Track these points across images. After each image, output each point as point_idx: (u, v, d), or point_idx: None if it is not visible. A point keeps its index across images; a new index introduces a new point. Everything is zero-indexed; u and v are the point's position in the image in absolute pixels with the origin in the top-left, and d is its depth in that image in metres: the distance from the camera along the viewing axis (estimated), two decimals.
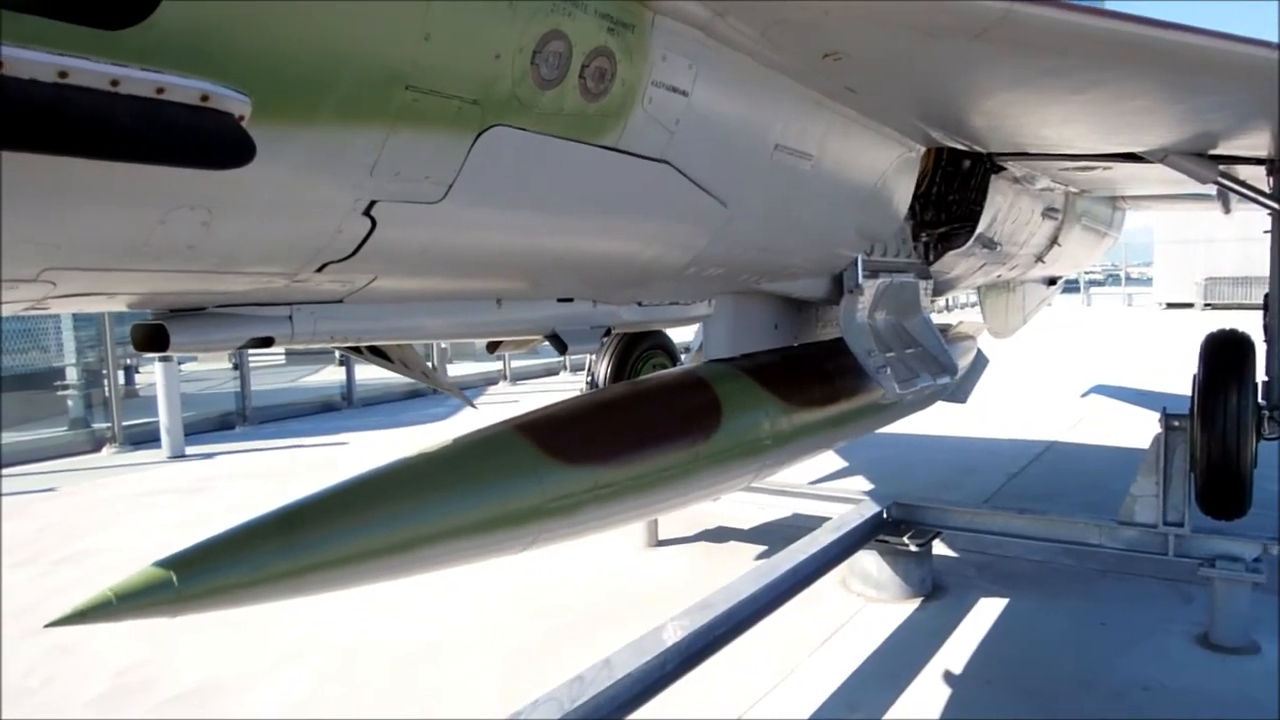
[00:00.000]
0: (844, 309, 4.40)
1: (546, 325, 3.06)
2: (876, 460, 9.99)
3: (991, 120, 3.85)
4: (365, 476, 2.74)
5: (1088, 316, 34.75)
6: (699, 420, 3.65)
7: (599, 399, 3.47)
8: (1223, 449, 4.96)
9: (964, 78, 3.17)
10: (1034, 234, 6.78)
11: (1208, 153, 4.58)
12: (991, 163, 5.18)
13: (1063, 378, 16.75)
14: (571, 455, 3.07)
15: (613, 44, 2.22)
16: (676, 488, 3.47)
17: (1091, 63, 2.94)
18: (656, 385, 3.71)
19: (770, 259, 3.68)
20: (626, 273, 3.00)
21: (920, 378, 4.81)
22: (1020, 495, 8.45)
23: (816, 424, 4.37)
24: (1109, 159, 4.69)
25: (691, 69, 2.51)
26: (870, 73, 2.98)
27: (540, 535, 2.99)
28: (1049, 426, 11.95)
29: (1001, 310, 8.66)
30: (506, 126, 2.08)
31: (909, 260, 5.17)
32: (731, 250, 3.33)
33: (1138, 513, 5.34)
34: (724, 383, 3.93)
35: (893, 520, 6.06)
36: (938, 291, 6.50)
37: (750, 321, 4.40)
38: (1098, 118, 3.68)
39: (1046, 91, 3.31)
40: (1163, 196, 9.10)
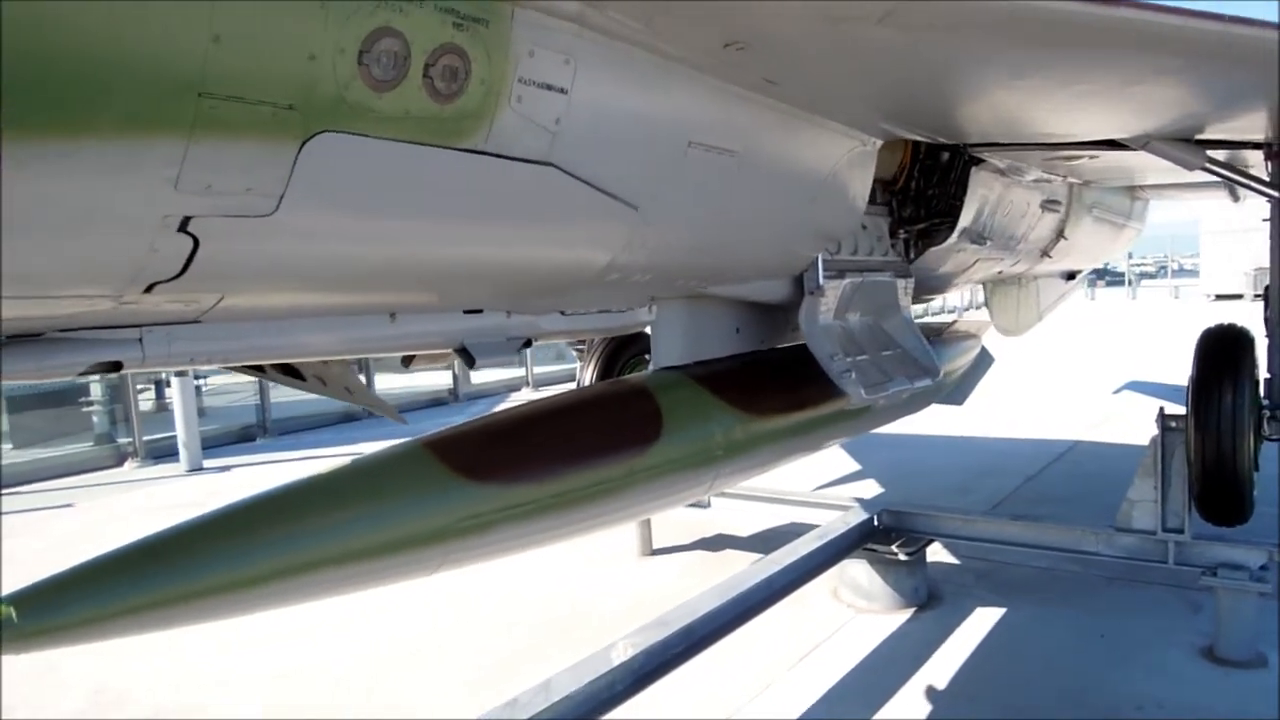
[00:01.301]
0: (804, 311, 4.21)
1: (453, 338, 2.93)
2: (890, 463, 9.73)
3: (947, 110, 3.65)
4: (254, 499, 2.63)
5: (1132, 309, 33.82)
6: (636, 432, 3.50)
7: (523, 413, 3.33)
8: (1218, 451, 4.66)
9: (902, 67, 2.98)
10: (1033, 227, 6.49)
11: (1194, 138, 4.31)
12: (970, 154, 4.95)
13: (1096, 374, 16.25)
14: (482, 473, 2.93)
15: (463, 40, 2.09)
16: (609, 503, 3.32)
17: (1026, 46, 2.74)
18: (591, 396, 3.57)
19: (707, 262, 3.51)
20: (530, 281, 2.86)
21: (894, 381, 4.59)
22: (1034, 499, 8.15)
23: (777, 432, 4.18)
24: (1088, 147, 4.44)
25: (569, 64, 2.37)
26: (784, 63, 2.81)
27: (448, 557, 2.87)
28: (1074, 425, 11.56)
29: (1011, 307, 8.34)
30: (337, 133, 1.95)
31: (885, 258, 4.94)
32: (656, 255, 3.17)
33: (1136, 519, 5.07)
34: (669, 391, 3.77)
35: (883, 528, 5.84)
36: (928, 290, 6.27)
37: (706, 327, 4.23)
38: (1054, 103, 3.46)
39: (991, 78, 3.11)
40: (1184, 185, 8.70)
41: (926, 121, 3.82)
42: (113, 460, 12.77)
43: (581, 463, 3.23)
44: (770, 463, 4.26)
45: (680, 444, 3.61)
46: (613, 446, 3.37)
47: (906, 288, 5.07)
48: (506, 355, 3.07)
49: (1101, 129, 4.05)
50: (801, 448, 4.39)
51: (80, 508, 10.29)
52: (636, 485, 3.40)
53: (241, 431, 14.22)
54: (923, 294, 6.43)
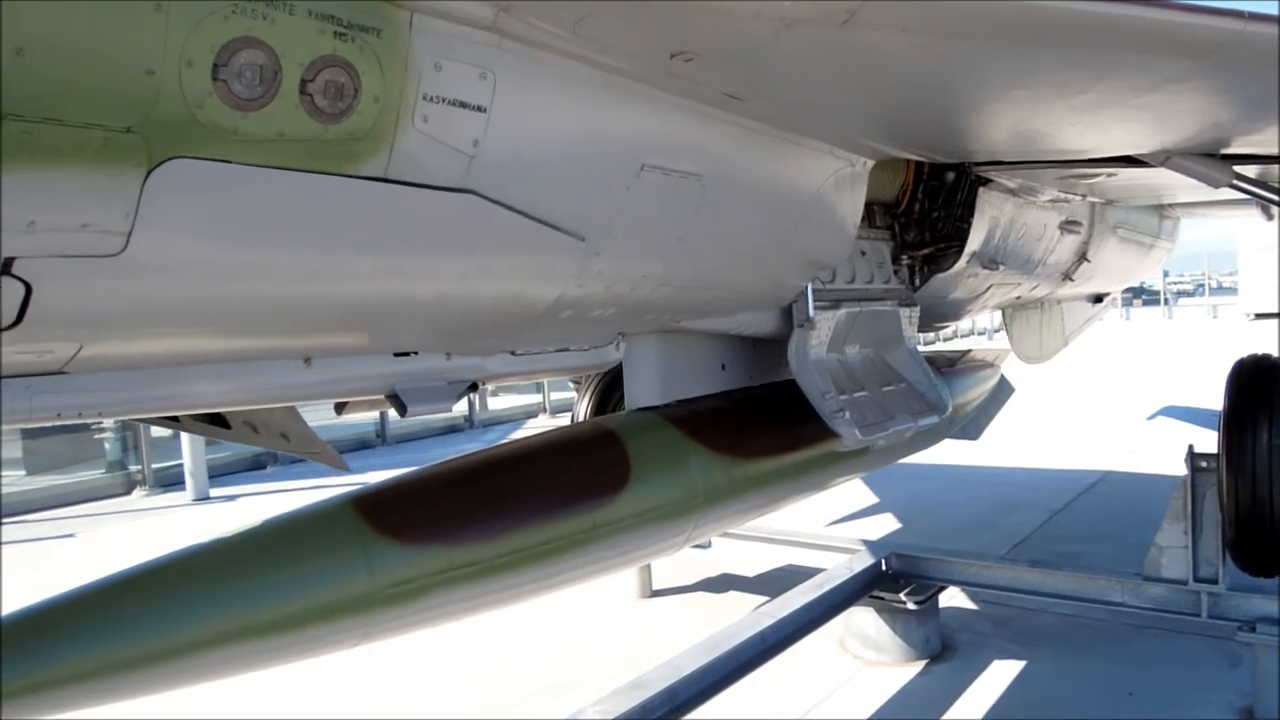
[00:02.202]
0: (793, 346, 3.89)
1: (383, 383, 2.65)
2: (909, 496, 9.32)
3: (940, 126, 3.33)
4: (151, 564, 2.37)
5: (1168, 330, 32.97)
6: (600, 481, 3.20)
7: (471, 464, 3.05)
8: (1253, 494, 4.26)
9: (881, 78, 2.68)
10: (1052, 250, 6.13)
11: (1219, 152, 3.95)
12: (976, 174, 4.62)
13: (1129, 398, 15.68)
14: (415, 533, 2.65)
15: (348, 52, 1.81)
16: (568, 561, 3.02)
17: (1014, 50, 2.42)
18: (551, 444, 3.27)
19: (678, 295, 3.21)
20: (463, 320, 2.58)
21: (896, 419, 4.26)
22: (1060, 536, 7.71)
23: (763, 476, 3.86)
24: (1102, 164, 4.09)
25: (486, 79, 2.09)
26: (744, 76, 2.51)
27: (373, 628, 2.57)
28: (1105, 454, 11.06)
29: (1034, 333, 7.95)
30: (192, 158, 1.68)
31: (886, 286, 4.62)
32: (616, 288, 2.88)
33: (1165, 567, 4.66)
34: (639, 436, 3.47)
35: (891, 573, 5.46)
36: (938, 318, 5.92)
37: (687, 364, 3.92)
38: (1056, 117, 3.13)
39: (980, 89, 2.79)
40: (1216, 203, 8.27)
41: (920, 139, 3.51)
42: (123, 488, 12.65)
43: (535, 518, 2.93)
44: (757, 509, 3.94)
45: (651, 493, 3.30)
46: (572, 498, 3.07)
47: (911, 317, 4.73)
48: (445, 401, 2.78)
49: (1114, 144, 3.71)
50: (792, 492, 4.06)
51: (81, 538, 10.13)
52: (600, 540, 3.09)
53: (254, 459, 14.05)
54: (933, 322, 6.09)
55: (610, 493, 3.18)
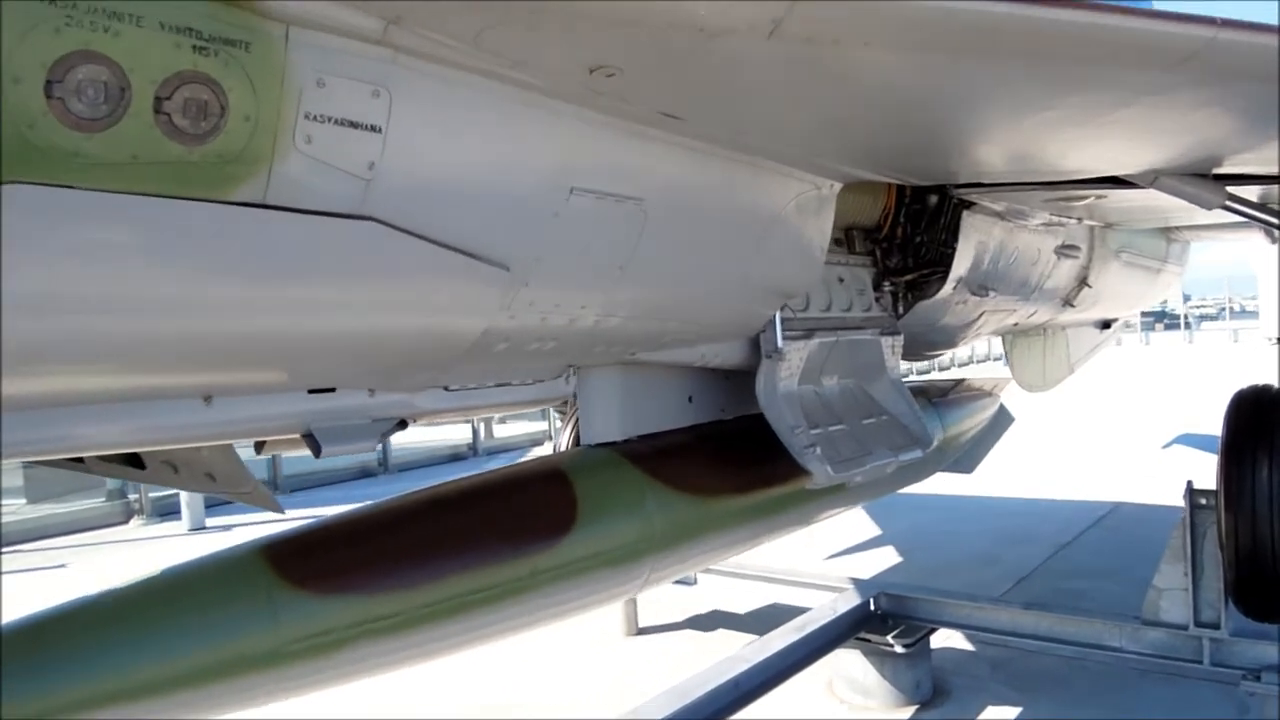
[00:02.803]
0: (761, 378, 3.70)
1: (297, 422, 2.48)
2: (912, 528, 9.07)
3: (902, 146, 3.15)
4: (33, 619, 2.21)
5: (1187, 354, 32.44)
6: (543, 524, 3.01)
7: (402, 506, 2.88)
8: (1253, 534, 4.01)
9: (827, 93, 2.50)
10: (1048, 275, 5.91)
11: (1211, 172, 3.74)
12: (958, 197, 4.43)
13: (1145, 425, 15.34)
14: (326, 582, 2.47)
15: (211, 68, 1.66)
16: (504, 611, 2.83)
17: (962, 61, 2.25)
18: (493, 484, 3.09)
19: (627, 327, 3.03)
20: (381, 356, 2.41)
21: (874, 454, 4.04)
22: (1065, 571, 7.43)
23: (730, 516, 3.67)
24: (1088, 185, 3.90)
25: (380, 97, 1.94)
26: (675, 92, 2.35)
27: (283, 683, 2.40)
28: (1118, 484, 10.75)
29: (1036, 360, 7.70)
30: (29, 184, 1.53)
31: (867, 314, 4.42)
32: (552, 320, 2.71)
33: (1165, 610, 4.41)
34: (590, 474, 3.28)
35: (880, 613, 5.23)
36: (928, 346, 5.72)
37: (649, 397, 3.73)
38: (1026, 136, 2.95)
39: (934, 104, 2.62)
40: (1224, 226, 8.02)
41: (883, 160, 3.33)
42: (121, 517, 12.57)
43: (468, 564, 2.75)
44: (723, 549, 3.74)
45: (600, 535, 3.12)
46: (510, 543, 2.89)
47: (894, 346, 4.53)
48: (367, 440, 2.61)
49: (1098, 164, 3.51)
50: (761, 531, 3.86)
51: (73, 569, 10.01)
52: (541, 586, 2.91)
53: None
54: (924, 350, 5.88)
55: (554, 536, 2.99)
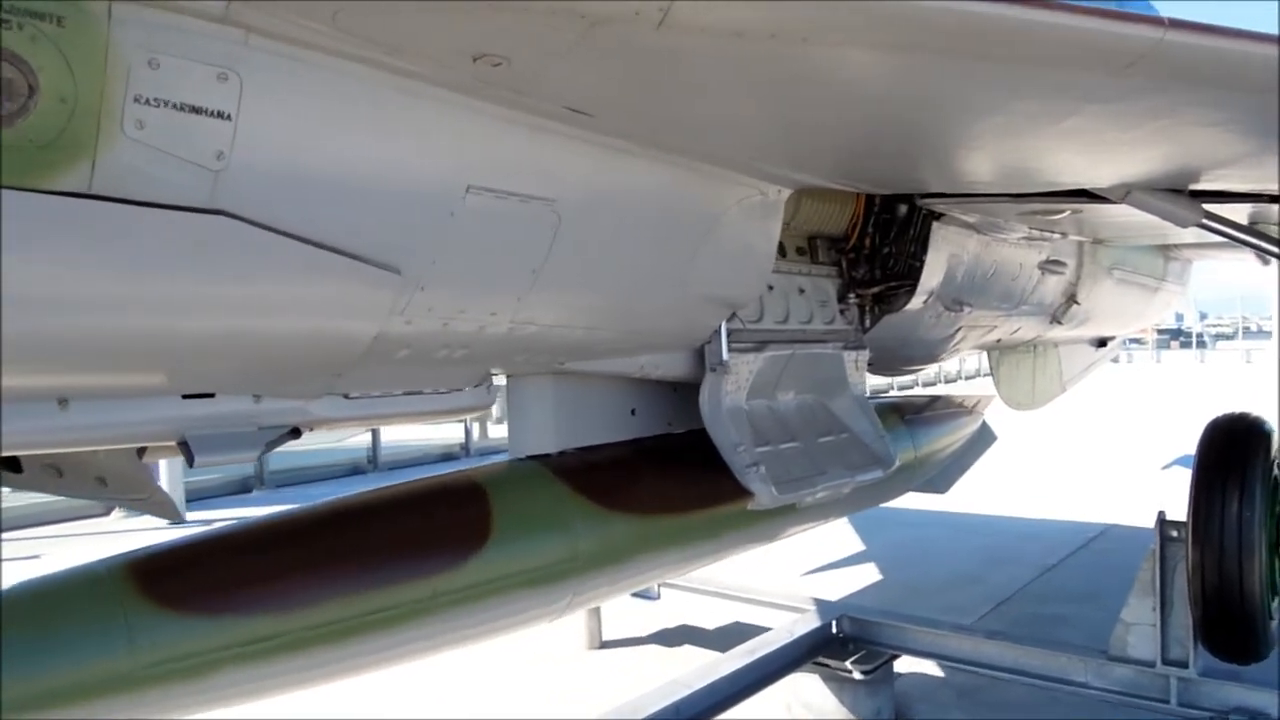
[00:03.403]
0: (705, 391, 3.52)
1: (170, 428, 2.31)
2: (897, 544, 8.87)
3: (839, 150, 2.96)
4: None
5: (1199, 374, 32.04)
6: (450, 542, 2.84)
7: (297, 519, 2.71)
8: (1220, 570, 3.79)
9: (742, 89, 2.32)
10: (1031, 291, 5.70)
11: (1187, 188, 3.55)
12: (927, 208, 4.23)
13: (1147, 445, 15.05)
14: (196, 602, 2.31)
15: (16, 43, 1.50)
16: (399, 635, 2.66)
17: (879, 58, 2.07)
18: (402, 498, 2.92)
19: (549, 335, 2.85)
20: (257, 360, 2.24)
21: (827, 475, 3.86)
22: (1045, 595, 7.22)
23: (666, 536, 3.48)
24: (1056, 198, 3.70)
25: (228, 80, 1.77)
26: (574, 86, 2.17)
27: (138, 709, 2.23)
28: (1112, 505, 10.50)
29: (1024, 377, 7.48)
30: None
31: (829, 327, 4.23)
32: (456, 326, 2.54)
33: (1132, 646, 4.20)
34: (510, 489, 3.11)
35: (842, 637, 5.03)
36: (903, 362, 5.53)
37: (587, 408, 3.56)
38: (974, 143, 2.76)
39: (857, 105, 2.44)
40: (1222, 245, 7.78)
41: (831, 166, 3.14)
42: (102, 509, 12.46)
43: (360, 584, 2.59)
44: (657, 570, 3.56)
45: (515, 554, 2.94)
46: (411, 561, 2.72)
47: (858, 361, 4.34)
48: (250, 450, 2.44)
49: (1062, 176, 3.32)
50: (700, 554, 3.68)
51: (46, 560, 9.91)
52: (442, 610, 2.74)
53: (240, 481, 13.84)
54: (900, 366, 5.69)
55: (462, 555, 2.82)
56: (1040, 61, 2.10)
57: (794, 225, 4.13)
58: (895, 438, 5.10)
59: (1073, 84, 2.22)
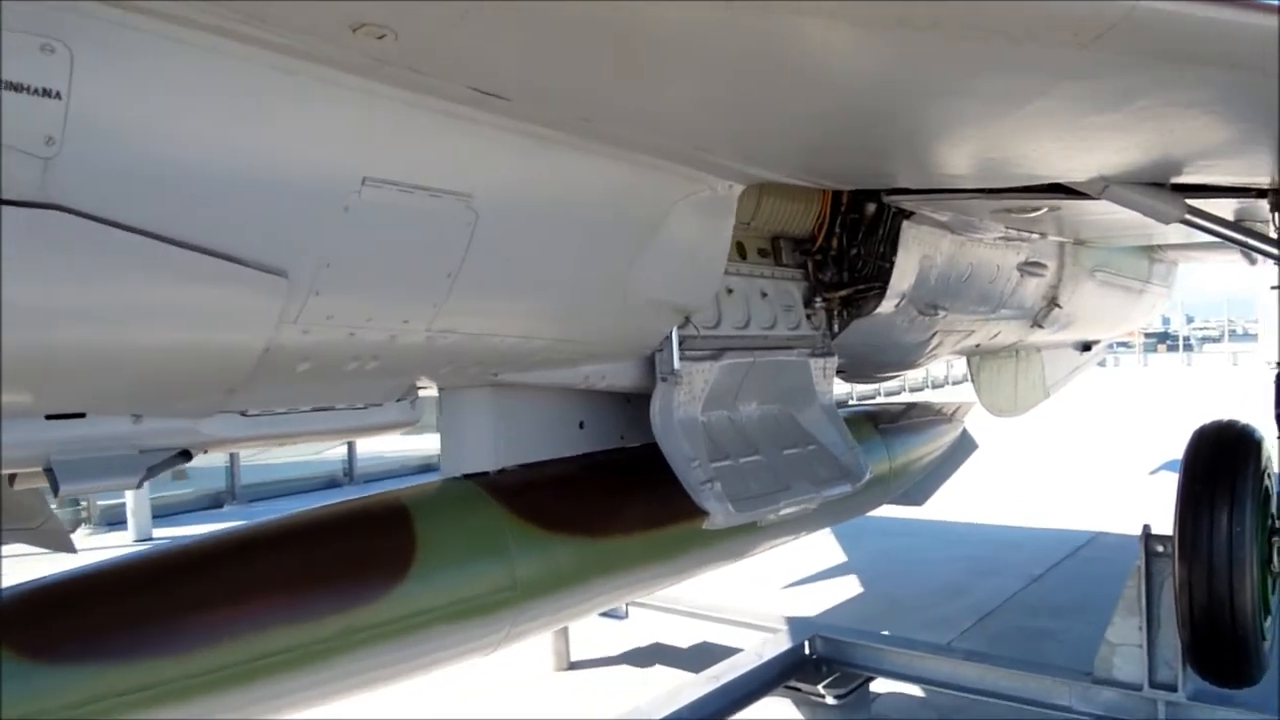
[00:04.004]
0: (656, 402, 3.28)
1: (35, 452, 2.06)
2: (880, 554, 8.63)
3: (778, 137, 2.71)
4: None
5: (1186, 377, 31.97)
6: (367, 573, 2.59)
7: (186, 552, 2.46)
8: (1209, 588, 3.56)
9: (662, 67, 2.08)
10: (1010, 293, 5.47)
11: (1169, 181, 3.33)
12: (896, 206, 4.01)
13: (1135, 449, 14.86)
14: (59, 649, 2.05)
15: None
16: (303, 679, 2.40)
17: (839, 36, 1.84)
18: (312, 524, 2.67)
19: (476, 345, 2.61)
20: (119, 378, 1.99)
21: (791, 490, 3.62)
22: (1032, 608, 6.98)
23: (614, 559, 3.24)
24: (1033, 194, 3.48)
25: (54, 53, 1.52)
26: (472, 63, 1.92)
27: None
28: (1100, 512, 10.28)
29: (1006, 382, 7.26)
30: None
31: (794, 333, 4.00)
32: (364, 335, 2.29)
33: (1118, 667, 3.96)
34: (438, 512, 2.86)
35: (816, 658, 4.79)
36: (877, 368, 5.30)
37: (530, 422, 3.31)
38: (935, 129, 2.53)
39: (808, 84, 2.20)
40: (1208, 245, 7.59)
41: (784, 158, 2.90)
42: (70, 525, 12.14)
43: (260, 623, 2.33)
44: (606, 597, 3.31)
45: (441, 584, 2.69)
46: (322, 596, 2.47)
47: (826, 368, 4.11)
48: (129, 476, 2.18)
49: (1036, 168, 3.09)
50: (652, 577, 3.44)
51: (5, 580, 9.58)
52: (356, 648, 2.48)
53: (212, 496, 13.52)
54: (874, 372, 5.46)
55: (379, 587, 2.56)
56: (1000, 33, 1.87)
57: (755, 225, 3.91)
58: (868, 448, 4.87)
59: (1038, 59, 1.99)
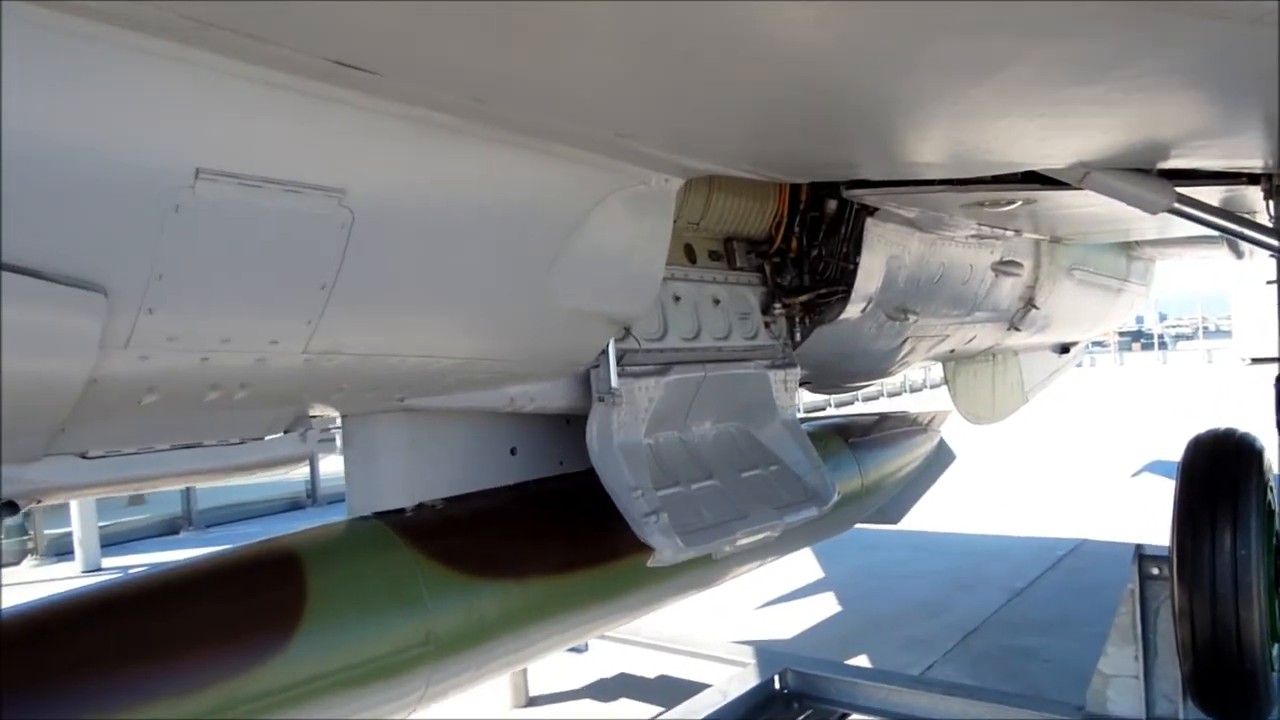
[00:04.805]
0: (593, 425, 2.92)
1: None
2: (858, 569, 8.30)
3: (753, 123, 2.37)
4: None
5: (1162, 375, 31.97)
6: (250, 635, 2.21)
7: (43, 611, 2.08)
8: (1212, 615, 3.24)
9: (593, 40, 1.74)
10: (985, 295, 5.17)
11: (1156, 166, 3.01)
12: (858, 202, 3.68)
13: (1116, 451, 14.65)
14: None
15: None
16: None
17: None
18: (184, 579, 2.29)
19: (365, 366, 2.24)
20: None
21: (749, 519, 3.27)
22: (1015, 625, 6.66)
23: (546, 604, 2.87)
24: (1006, 184, 3.16)
25: None
26: (330, 26, 1.57)
27: None
28: (1083, 517, 10.02)
29: (983, 388, 6.96)
30: None
31: (751, 343, 3.65)
32: (220, 360, 1.92)
33: (1112, 701, 3.63)
34: (336, 559, 2.49)
35: (786, 693, 4.43)
36: (845, 377, 4.98)
37: (451, 450, 2.94)
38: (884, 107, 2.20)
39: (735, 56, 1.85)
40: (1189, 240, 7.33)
41: (722, 145, 2.54)
42: (16, 557, 11.62)
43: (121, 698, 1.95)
44: (535, 648, 2.94)
45: (337, 645, 2.32)
46: (194, 663, 2.08)
47: (787, 380, 3.77)
48: None
49: (1008, 153, 2.76)
50: (591, 621, 3.07)
51: None
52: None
53: (168, 523, 13.00)
54: (841, 382, 5.13)
55: (262, 650, 2.18)
56: None
57: (705, 225, 3.57)
58: (838, 464, 4.55)
59: (1004, 14, 1.66)
